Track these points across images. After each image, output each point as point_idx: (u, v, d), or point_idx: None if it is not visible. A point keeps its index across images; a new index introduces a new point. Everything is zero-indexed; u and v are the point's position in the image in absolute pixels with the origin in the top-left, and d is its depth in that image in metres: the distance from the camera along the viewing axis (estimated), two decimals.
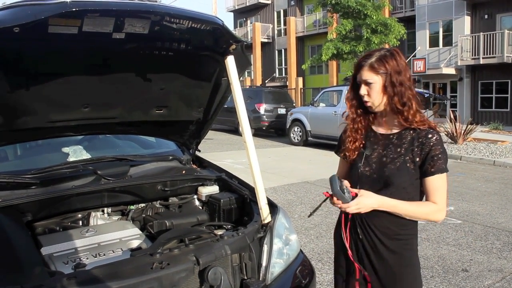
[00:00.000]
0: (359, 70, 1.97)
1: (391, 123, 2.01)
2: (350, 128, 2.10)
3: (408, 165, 1.92)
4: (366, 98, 1.97)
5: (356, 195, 1.88)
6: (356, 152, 2.07)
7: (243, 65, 2.77)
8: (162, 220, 2.69)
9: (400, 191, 1.93)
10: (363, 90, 1.96)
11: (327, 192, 1.97)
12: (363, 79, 1.95)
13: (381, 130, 2.06)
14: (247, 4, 37.71)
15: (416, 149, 1.91)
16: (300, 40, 33.67)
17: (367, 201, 1.86)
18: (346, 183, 1.90)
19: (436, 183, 1.90)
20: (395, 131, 2.00)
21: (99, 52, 2.32)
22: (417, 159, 1.91)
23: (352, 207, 1.86)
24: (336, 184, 1.85)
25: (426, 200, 1.93)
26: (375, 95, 1.94)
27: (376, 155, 2.02)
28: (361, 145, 2.07)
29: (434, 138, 1.91)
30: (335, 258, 2.23)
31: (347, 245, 2.07)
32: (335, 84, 26.67)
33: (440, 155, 1.88)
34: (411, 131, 1.95)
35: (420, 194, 1.97)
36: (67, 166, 2.73)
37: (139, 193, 2.86)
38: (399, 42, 19.06)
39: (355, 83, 2.03)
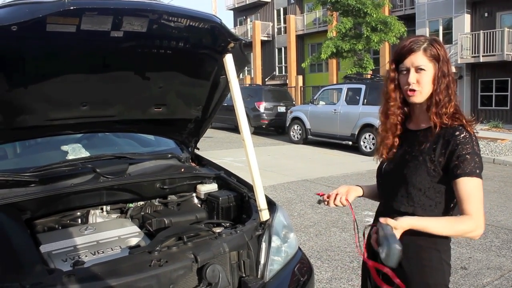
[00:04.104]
0: (409, 54, 1.75)
1: (421, 118, 1.83)
2: (391, 123, 1.89)
3: (428, 164, 1.73)
4: (414, 87, 1.75)
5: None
6: (393, 150, 1.90)
7: (242, 63, 2.77)
8: (161, 218, 2.69)
9: (417, 193, 1.76)
10: (413, 77, 1.75)
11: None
12: (415, 65, 1.74)
13: (411, 126, 1.89)
14: (247, 2, 37.63)
15: (440, 147, 1.71)
16: (300, 38, 33.64)
17: (398, 233, 1.58)
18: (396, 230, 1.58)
19: (464, 188, 1.65)
20: (423, 127, 1.81)
21: (97, 51, 2.32)
22: (440, 159, 1.70)
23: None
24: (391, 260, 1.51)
25: (460, 208, 1.69)
26: (426, 84, 1.74)
27: (401, 152, 1.87)
28: (396, 142, 1.91)
29: (462, 136, 1.68)
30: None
31: (362, 247, 1.94)
32: (335, 82, 26.64)
33: (468, 156, 1.65)
34: (440, 128, 1.74)
35: (449, 201, 1.77)
36: (66, 164, 2.74)
37: (138, 191, 2.86)
38: (398, 41, 19.02)
39: (396, 71, 1.83)
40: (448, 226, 1.67)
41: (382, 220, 1.59)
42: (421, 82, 1.75)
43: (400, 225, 1.59)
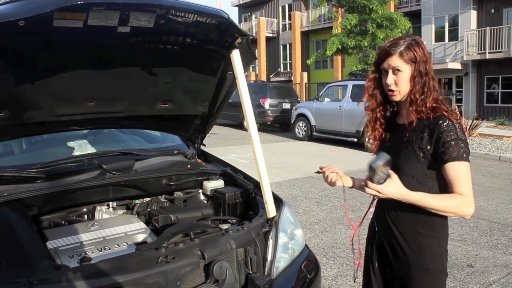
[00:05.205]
0: (387, 57, 1.89)
1: (407, 113, 1.94)
2: (369, 118, 2.06)
3: (417, 152, 1.85)
4: (393, 87, 1.90)
5: None
6: (377, 143, 2.06)
7: (249, 59, 2.75)
8: (167, 214, 2.69)
9: (410, 180, 1.85)
10: (391, 78, 1.89)
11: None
12: (392, 67, 1.88)
13: (399, 120, 2.02)
14: None
15: (426, 137, 1.83)
16: (305, 34, 33.57)
17: (388, 189, 1.75)
18: (391, 173, 1.77)
19: (452, 172, 1.78)
20: (410, 119, 1.91)
21: (104, 46, 2.31)
22: (428, 147, 1.83)
23: (371, 190, 1.77)
24: (378, 161, 1.72)
25: (450, 191, 1.82)
26: (403, 84, 1.88)
27: (392, 145, 1.99)
28: (382, 135, 2.06)
29: (445, 124, 1.80)
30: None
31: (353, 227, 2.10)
32: (340, 79, 26.56)
33: (452, 142, 1.77)
34: (425, 119, 1.86)
35: (441, 186, 1.87)
36: (73, 160, 2.73)
37: (144, 187, 2.86)
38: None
39: (376, 72, 1.97)
40: (440, 200, 1.81)
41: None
42: (399, 83, 1.89)
43: (385, 191, 1.75)
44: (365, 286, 2.20)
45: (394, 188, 1.76)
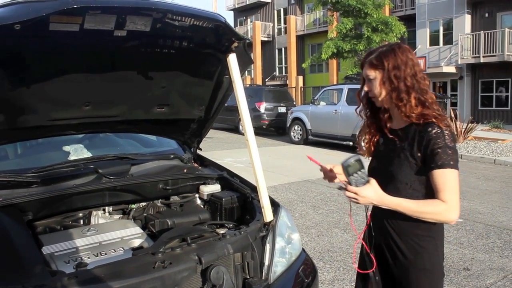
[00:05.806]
0: (362, 67, 2.02)
1: (398, 118, 1.98)
2: (365, 124, 2.15)
3: (409, 159, 1.88)
4: (370, 94, 2.00)
5: None
6: (373, 148, 2.12)
7: (245, 63, 2.75)
8: (164, 219, 2.68)
9: (404, 187, 1.89)
10: (366, 86, 2.01)
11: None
12: (365, 75, 1.99)
13: (392, 126, 2.04)
14: (247, 3, 37.65)
15: (416, 143, 1.86)
16: (300, 38, 33.64)
17: (366, 192, 1.78)
18: (371, 179, 1.82)
19: (438, 179, 1.80)
20: (402, 125, 1.96)
21: (100, 50, 2.30)
22: (418, 154, 1.86)
23: (350, 193, 1.79)
24: (348, 160, 1.77)
25: (436, 197, 1.84)
26: (375, 89, 1.96)
27: (386, 151, 2.02)
28: (376, 140, 2.11)
29: (434, 131, 1.83)
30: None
31: (362, 240, 2.11)
32: (335, 82, 26.62)
33: (439, 150, 1.80)
34: (415, 125, 1.90)
35: (432, 190, 1.87)
36: (68, 164, 2.72)
37: (140, 192, 2.84)
38: (399, 41, 19.02)
39: (364, 81, 2.06)
40: (418, 206, 1.82)
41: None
42: (372, 90, 1.98)
43: (362, 194, 1.78)
44: None
45: (371, 192, 1.80)
